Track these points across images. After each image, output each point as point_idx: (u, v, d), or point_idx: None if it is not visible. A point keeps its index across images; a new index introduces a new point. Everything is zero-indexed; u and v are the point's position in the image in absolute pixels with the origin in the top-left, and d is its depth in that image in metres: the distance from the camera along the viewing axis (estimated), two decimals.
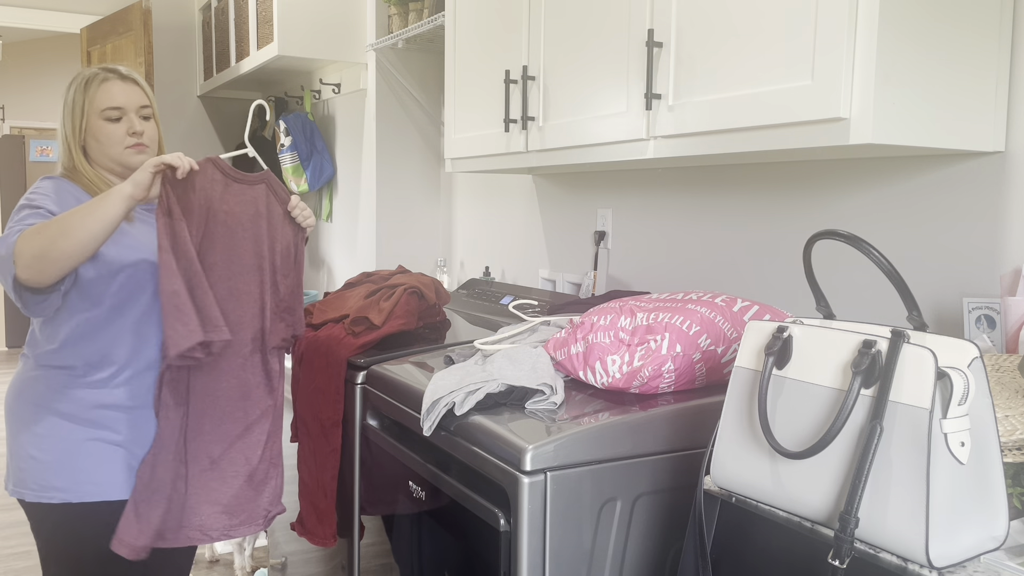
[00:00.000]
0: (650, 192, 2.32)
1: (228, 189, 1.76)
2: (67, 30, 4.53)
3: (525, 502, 1.30)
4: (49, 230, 1.53)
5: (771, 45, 1.46)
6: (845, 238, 1.06)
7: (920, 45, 1.37)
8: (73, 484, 1.70)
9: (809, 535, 1.04)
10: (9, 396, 1.76)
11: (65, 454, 1.71)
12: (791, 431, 1.05)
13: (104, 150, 1.76)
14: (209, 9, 4.34)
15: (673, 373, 1.46)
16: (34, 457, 1.70)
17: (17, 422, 1.73)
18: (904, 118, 1.37)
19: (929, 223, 1.62)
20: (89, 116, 1.74)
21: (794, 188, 1.90)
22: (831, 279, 1.81)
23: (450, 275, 3.37)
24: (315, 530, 2.06)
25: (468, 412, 1.46)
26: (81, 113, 1.74)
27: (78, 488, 1.70)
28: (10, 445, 1.75)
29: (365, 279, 2.39)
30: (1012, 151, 1.49)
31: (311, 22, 3.37)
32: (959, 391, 0.92)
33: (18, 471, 1.72)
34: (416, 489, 1.65)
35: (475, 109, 2.40)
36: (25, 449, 1.71)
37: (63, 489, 1.69)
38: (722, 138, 1.58)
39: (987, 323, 1.43)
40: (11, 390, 1.77)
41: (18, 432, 1.73)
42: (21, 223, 1.60)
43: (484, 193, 3.13)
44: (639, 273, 2.38)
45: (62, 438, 1.71)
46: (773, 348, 1.07)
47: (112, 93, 1.75)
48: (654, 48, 1.70)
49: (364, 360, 1.95)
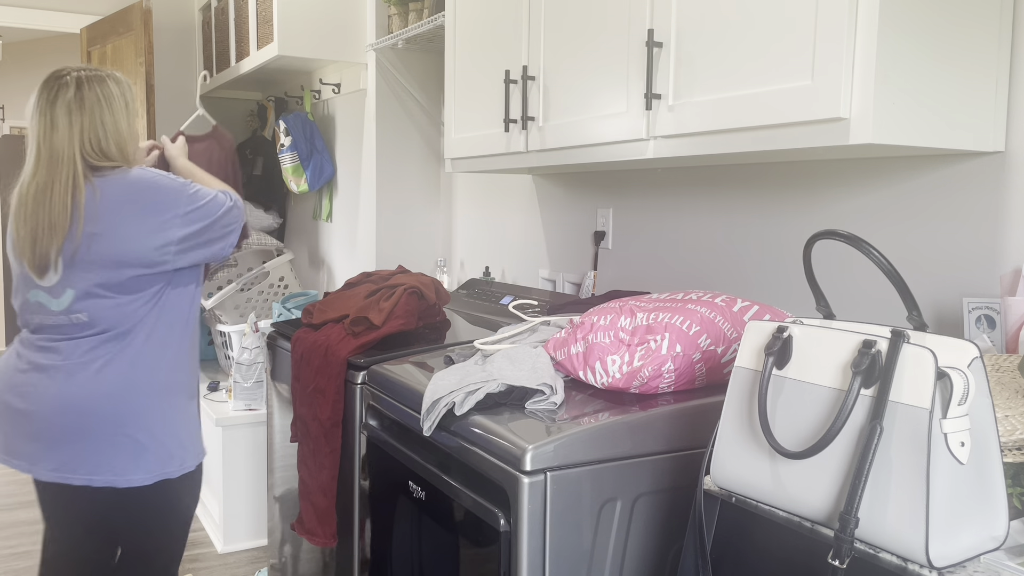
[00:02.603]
0: (650, 192, 2.32)
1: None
2: (67, 30, 4.52)
3: (525, 502, 1.30)
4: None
5: (771, 45, 1.46)
6: (845, 238, 1.06)
7: (920, 45, 1.37)
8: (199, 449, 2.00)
9: (809, 535, 1.04)
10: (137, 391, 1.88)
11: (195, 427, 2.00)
12: (791, 431, 1.05)
13: (135, 148, 1.95)
14: (209, 9, 4.34)
15: (673, 373, 1.46)
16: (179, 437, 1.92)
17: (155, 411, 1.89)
18: (904, 118, 1.37)
19: (929, 223, 1.62)
20: (135, 117, 1.94)
21: (794, 188, 1.90)
22: (831, 279, 1.81)
23: (450, 275, 3.37)
24: (315, 530, 2.06)
25: (468, 412, 1.46)
26: (134, 114, 1.93)
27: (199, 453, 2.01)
28: (155, 435, 1.89)
29: (365, 279, 2.39)
30: (1012, 151, 1.49)
31: (311, 22, 3.37)
32: (959, 391, 0.92)
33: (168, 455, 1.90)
34: (416, 489, 1.65)
35: (475, 109, 2.40)
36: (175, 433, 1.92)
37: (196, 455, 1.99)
38: (722, 138, 1.58)
39: (987, 323, 1.43)
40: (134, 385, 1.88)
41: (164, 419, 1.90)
42: (220, 194, 1.93)
43: (484, 193, 3.13)
44: (639, 273, 2.38)
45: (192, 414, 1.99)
46: (773, 348, 1.07)
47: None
48: (654, 48, 1.70)
49: (364, 360, 1.95)
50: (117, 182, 1.84)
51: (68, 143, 1.82)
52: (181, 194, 1.87)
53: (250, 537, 3.32)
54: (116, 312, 1.83)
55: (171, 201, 1.85)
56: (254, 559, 3.23)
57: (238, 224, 1.96)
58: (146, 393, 1.85)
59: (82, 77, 1.85)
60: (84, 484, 1.82)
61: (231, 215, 1.93)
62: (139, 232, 1.81)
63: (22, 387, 1.84)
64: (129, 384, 1.84)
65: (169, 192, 1.86)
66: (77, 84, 1.84)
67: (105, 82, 1.87)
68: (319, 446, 2.03)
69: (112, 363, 1.83)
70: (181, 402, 1.93)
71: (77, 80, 1.84)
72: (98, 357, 1.82)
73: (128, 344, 1.85)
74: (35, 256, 1.79)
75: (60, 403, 1.80)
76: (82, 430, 1.81)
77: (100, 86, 1.86)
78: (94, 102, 1.84)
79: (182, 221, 1.85)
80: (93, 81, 1.86)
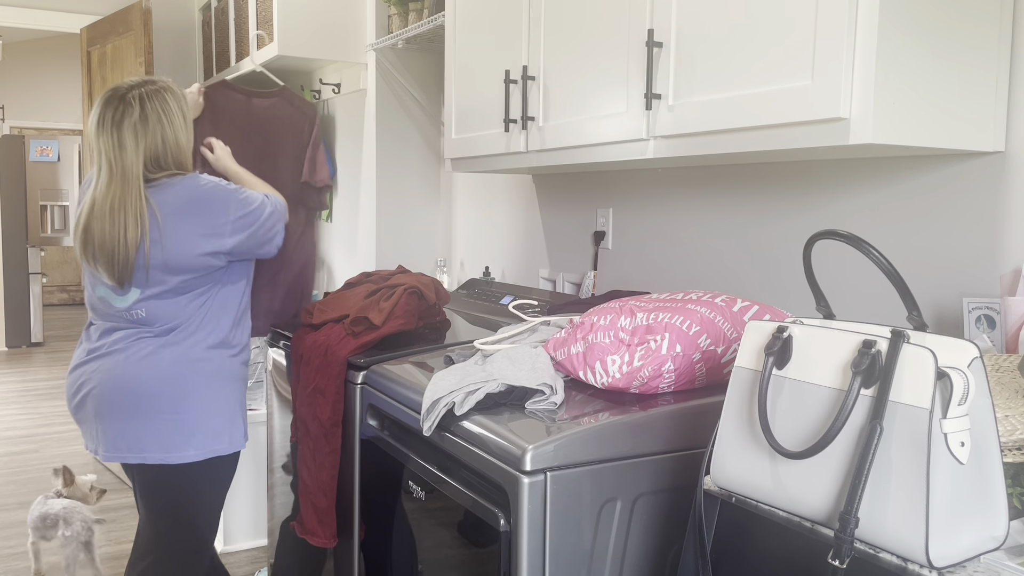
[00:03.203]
0: (650, 192, 2.32)
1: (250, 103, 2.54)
2: (67, 30, 4.53)
3: (525, 502, 1.30)
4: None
5: (771, 45, 1.46)
6: (845, 238, 1.06)
7: (920, 45, 1.37)
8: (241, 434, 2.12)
9: (809, 535, 1.04)
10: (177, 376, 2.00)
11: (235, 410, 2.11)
12: (791, 431, 1.05)
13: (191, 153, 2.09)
14: (209, 9, 4.34)
15: (673, 373, 1.46)
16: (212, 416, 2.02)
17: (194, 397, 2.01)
18: (904, 118, 1.37)
19: (929, 223, 1.62)
20: (191, 125, 2.09)
21: (794, 188, 1.90)
22: (831, 279, 1.81)
23: (450, 275, 3.37)
24: (315, 530, 2.06)
25: (468, 412, 1.46)
26: (190, 123, 2.07)
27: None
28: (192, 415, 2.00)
29: (365, 279, 2.39)
30: (1012, 151, 1.49)
31: (311, 22, 3.37)
32: (959, 391, 0.92)
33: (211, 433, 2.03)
34: (416, 489, 1.65)
35: (475, 109, 2.40)
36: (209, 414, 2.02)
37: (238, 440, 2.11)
38: (722, 138, 1.58)
39: (987, 323, 1.43)
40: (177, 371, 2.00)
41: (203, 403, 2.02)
42: (265, 198, 2.04)
43: (484, 193, 3.13)
44: (639, 273, 2.38)
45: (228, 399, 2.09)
46: (773, 348, 1.07)
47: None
48: (654, 48, 1.70)
49: (364, 360, 1.95)
50: (172, 191, 1.97)
51: (135, 162, 1.95)
52: (230, 201, 1.98)
53: (250, 537, 3.32)
54: (172, 310, 1.98)
55: (222, 209, 1.96)
56: (254, 559, 3.23)
57: (281, 225, 2.09)
58: (196, 377, 1.99)
59: (143, 95, 1.98)
60: (139, 462, 1.98)
61: (273, 218, 2.05)
62: (192, 239, 1.94)
63: (86, 374, 2.02)
64: (180, 368, 1.98)
65: (219, 201, 1.97)
66: (140, 103, 1.97)
67: (164, 96, 2.00)
68: (319, 446, 2.03)
69: (164, 349, 1.98)
70: (229, 385, 2.05)
71: (140, 99, 1.97)
72: (152, 344, 1.98)
73: (181, 335, 2.00)
74: (112, 266, 1.94)
75: (116, 384, 1.96)
76: (135, 410, 1.96)
77: (160, 102, 1.99)
78: (155, 121, 1.98)
79: (232, 228, 1.97)
80: (153, 97, 1.99)
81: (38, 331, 7.86)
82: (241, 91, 2.63)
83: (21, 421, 5.25)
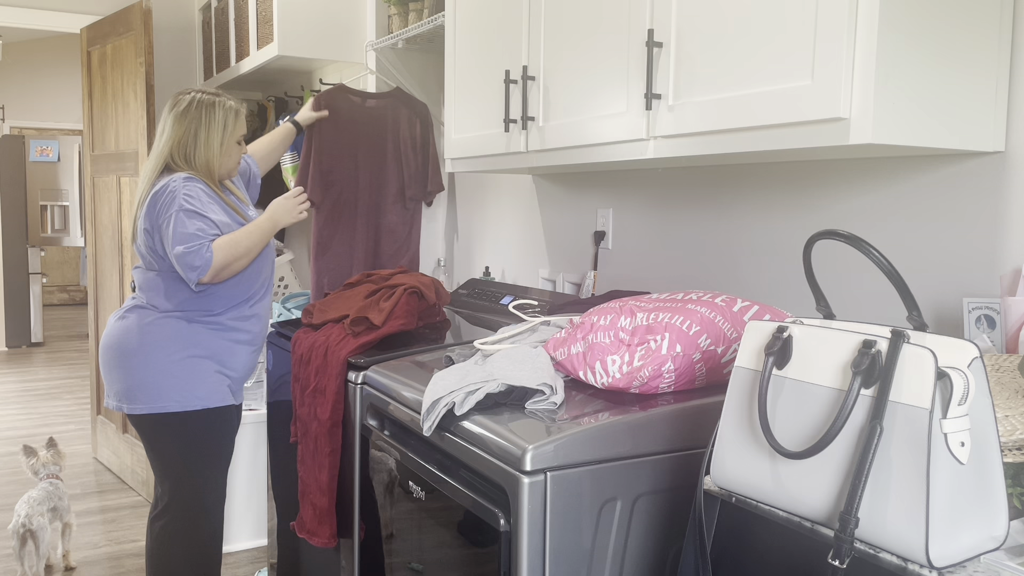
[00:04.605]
0: (650, 192, 2.32)
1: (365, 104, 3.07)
2: (67, 30, 4.52)
3: (525, 502, 1.30)
4: (235, 250, 2.21)
5: (771, 45, 1.46)
6: (845, 238, 1.06)
7: (920, 45, 1.37)
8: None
9: (809, 535, 1.04)
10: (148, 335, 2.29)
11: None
12: (791, 431, 1.05)
13: (225, 163, 2.34)
14: (209, 9, 4.34)
15: (673, 373, 1.46)
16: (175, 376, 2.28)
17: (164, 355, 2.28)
18: (904, 118, 1.37)
19: (929, 223, 1.62)
20: (231, 139, 2.33)
21: (794, 188, 1.90)
22: (831, 279, 1.81)
23: (450, 275, 3.37)
24: (315, 530, 2.06)
25: (468, 412, 1.46)
26: (230, 136, 2.32)
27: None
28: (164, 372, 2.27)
29: (365, 279, 2.39)
30: (1012, 151, 1.49)
31: (311, 22, 3.37)
32: (959, 391, 0.92)
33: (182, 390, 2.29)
34: (416, 489, 1.65)
35: (475, 109, 2.40)
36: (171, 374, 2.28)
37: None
38: (722, 138, 1.58)
39: (987, 323, 1.43)
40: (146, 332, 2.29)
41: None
42: (202, 234, 2.18)
43: (484, 193, 3.13)
44: (639, 273, 2.38)
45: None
46: (773, 348, 1.07)
47: (244, 125, 2.38)
48: (654, 48, 1.70)
49: (364, 360, 1.95)
50: (163, 183, 2.24)
51: (165, 145, 2.28)
52: (171, 206, 2.20)
53: (250, 537, 3.32)
54: (143, 280, 2.32)
55: (163, 209, 2.21)
56: (254, 559, 3.23)
57: (186, 271, 2.20)
58: (149, 338, 2.26)
59: (197, 98, 2.29)
60: (116, 408, 2.31)
61: (184, 257, 2.19)
62: (141, 221, 2.28)
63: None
64: (138, 329, 2.27)
65: (165, 203, 2.21)
66: (190, 101, 2.28)
67: (214, 105, 2.29)
68: (319, 446, 2.03)
69: (133, 312, 2.30)
70: (190, 348, 2.28)
71: (191, 98, 2.28)
72: (128, 307, 2.33)
73: (149, 303, 2.30)
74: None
75: (103, 341, 2.34)
76: (108, 363, 2.31)
77: (207, 107, 2.28)
78: (194, 118, 2.27)
79: (159, 223, 2.23)
80: (203, 102, 2.28)
81: (38, 331, 7.86)
82: (357, 93, 3.01)
83: (21, 421, 5.25)
